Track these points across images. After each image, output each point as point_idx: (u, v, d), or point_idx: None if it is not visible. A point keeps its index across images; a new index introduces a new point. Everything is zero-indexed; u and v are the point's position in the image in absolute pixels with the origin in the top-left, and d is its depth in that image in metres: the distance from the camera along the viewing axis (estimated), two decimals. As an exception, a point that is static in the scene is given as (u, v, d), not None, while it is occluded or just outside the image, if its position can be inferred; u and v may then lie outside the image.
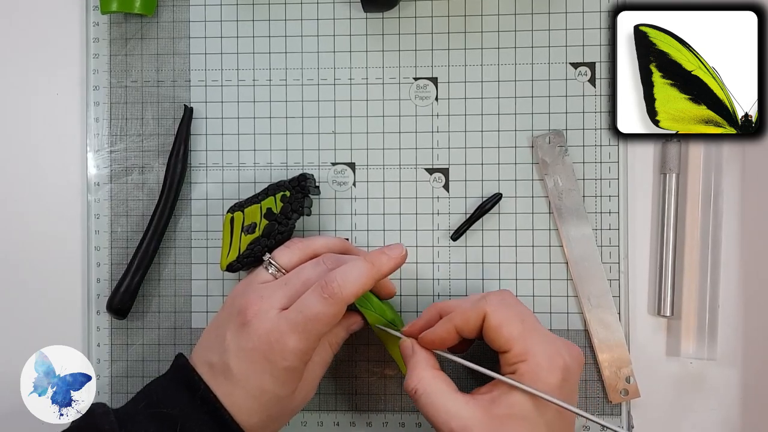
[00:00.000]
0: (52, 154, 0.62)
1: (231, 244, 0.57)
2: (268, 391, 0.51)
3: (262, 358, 0.50)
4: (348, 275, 0.51)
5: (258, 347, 0.50)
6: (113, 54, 0.62)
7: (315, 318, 0.50)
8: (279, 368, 0.50)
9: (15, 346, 0.61)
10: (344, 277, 0.51)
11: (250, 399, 0.51)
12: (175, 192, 0.60)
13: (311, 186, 0.58)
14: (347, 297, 0.50)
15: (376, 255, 0.52)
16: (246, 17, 0.61)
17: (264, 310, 0.51)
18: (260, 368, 0.50)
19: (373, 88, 0.61)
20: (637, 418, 0.59)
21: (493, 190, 0.60)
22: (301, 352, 0.50)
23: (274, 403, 0.51)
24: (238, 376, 0.51)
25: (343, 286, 0.50)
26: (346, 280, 0.50)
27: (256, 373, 0.50)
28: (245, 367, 0.51)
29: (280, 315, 0.51)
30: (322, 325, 0.50)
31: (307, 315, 0.50)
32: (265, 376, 0.50)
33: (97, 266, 0.61)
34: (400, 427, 0.60)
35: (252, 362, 0.50)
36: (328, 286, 0.50)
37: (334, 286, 0.50)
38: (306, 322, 0.50)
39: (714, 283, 0.58)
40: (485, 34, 0.60)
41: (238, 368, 0.51)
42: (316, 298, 0.50)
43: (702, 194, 0.58)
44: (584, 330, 0.59)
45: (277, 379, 0.51)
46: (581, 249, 0.59)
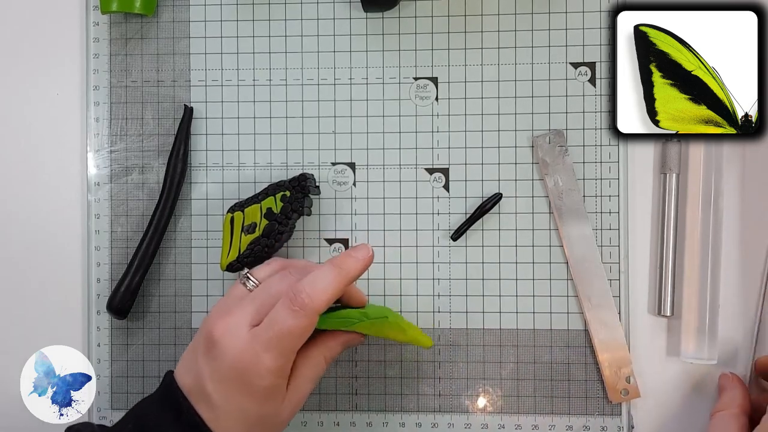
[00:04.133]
0: (52, 154, 0.62)
1: (231, 244, 0.57)
2: (250, 411, 0.49)
3: (237, 380, 0.48)
4: (316, 284, 0.49)
5: (232, 368, 0.48)
6: (113, 54, 0.62)
7: (288, 333, 0.48)
8: (257, 388, 0.49)
9: (15, 346, 0.61)
10: (312, 287, 0.48)
11: (232, 421, 0.49)
12: (175, 192, 0.60)
13: (311, 186, 0.58)
14: (318, 306, 0.48)
15: (342, 259, 0.50)
16: (246, 17, 0.61)
17: (232, 328, 0.49)
18: (237, 390, 0.49)
19: (373, 87, 0.61)
20: (637, 418, 0.59)
21: (493, 189, 0.60)
22: (278, 370, 0.49)
23: (259, 422, 0.50)
24: (218, 401, 0.49)
25: (312, 295, 0.48)
26: (315, 289, 0.48)
27: (234, 396, 0.49)
28: (222, 390, 0.49)
29: (252, 333, 0.49)
30: (295, 339, 0.49)
31: (278, 331, 0.48)
32: (245, 397, 0.49)
33: (97, 266, 0.61)
34: (400, 427, 0.60)
35: (228, 385, 0.49)
36: (297, 298, 0.48)
37: (303, 297, 0.48)
38: (279, 339, 0.48)
39: (714, 284, 0.58)
40: (485, 34, 0.60)
41: (216, 392, 0.49)
42: (286, 312, 0.48)
43: (702, 194, 0.58)
44: (584, 330, 0.59)
45: (257, 399, 0.49)
46: (581, 249, 0.59)
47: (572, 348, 0.59)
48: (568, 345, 0.59)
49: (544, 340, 0.59)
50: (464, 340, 0.60)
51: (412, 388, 0.60)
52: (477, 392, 0.60)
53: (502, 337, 0.60)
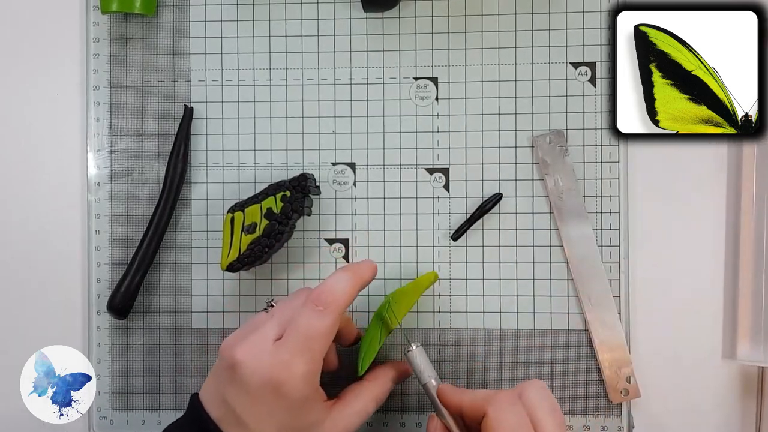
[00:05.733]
0: (52, 154, 0.62)
1: (231, 244, 0.57)
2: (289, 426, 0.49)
3: (270, 397, 0.48)
4: (335, 285, 0.50)
5: (262, 386, 0.48)
6: (113, 54, 0.62)
7: (315, 333, 0.48)
8: (292, 401, 0.48)
9: (15, 346, 0.61)
10: (332, 287, 0.50)
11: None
12: (175, 192, 0.60)
13: (311, 186, 0.58)
14: (340, 304, 0.49)
15: (352, 264, 0.53)
16: (246, 17, 0.61)
17: (255, 347, 0.49)
18: (272, 408, 0.48)
19: (374, 88, 0.61)
20: (637, 418, 0.59)
21: (493, 189, 0.60)
22: (310, 374, 0.49)
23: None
24: (253, 425, 0.48)
25: (334, 293, 0.49)
26: (335, 289, 0.50)
27: (270, 416, 0.48)
28: (256, 414, 0.48)
29: (276, 345, 0.49)
30: (322, 339, 0.49)
31: (305, 333, 0.48)
32: (281, 414, 0.48)
33: (97, 266, 0.61)
34: (400, 427, 0.60)
35: (261, 406, 0.48)
36: (320, 298, 0.49)
37: (326, 296, 0.49)
38: (307, 341, 0.48)
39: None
40: (485, 34, 0.60)
41: (250, 417, 0.48)
42: (310, 313, 0.49)
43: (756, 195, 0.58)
44: (585, 330, 0.59)
45: (294, 414, 0.49)
46: (581, 249, 0.59)
47: (572, 348, 0.59)
48: (568, 345, 0.59)
49: (545, 340, 0.59)
50: (464, 340, 0.60)
51: (412, 388, 0.60)
52: (477, 392, 0.60)
53: (502, 337, 0.60)
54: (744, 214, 0.58)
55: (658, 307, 0.59)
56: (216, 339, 0.61)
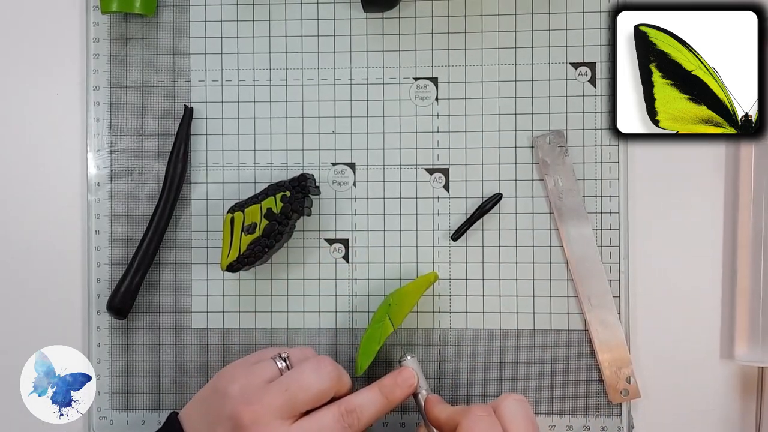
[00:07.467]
0: (52, 154, 0.62)
1: (231, 244, 0.57)
2: None
3: None
4: (366, 409, 0.51)
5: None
6: (113, 54, 0.62)
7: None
8: None
9: (15, 346, 0.61)
10: (362, 411, 0.51)
11: None
12: (175, 192, 0.60)
13: (311, 186, 0.58)
14: (363, 428, 0.51)
15: (389, 387, 0.52)
16: (246, 17, 0.61)
17: (263, 419, 0.49)
18: None
19: (373, 88, 0.61)
20: (637, 418, 0.59)
21: (493, 190, 0.60)
22: None
23: None
24: None
25: (362, 417, 0.50)
26: (364, 414, 0.51)
27: None
28: None
29: (289, 430, 0.49)
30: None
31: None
32: None
33: (97, 266, 0.61)
34: (400, 427, 0.60)
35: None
36: (350, 416, 0.50)
37: (354, 417, 0.50)
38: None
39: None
40: (485, 34, 0.60)
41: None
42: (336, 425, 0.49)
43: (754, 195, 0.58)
44: (584, 330, 0.59)
45: None
46: (581, 249, 0.59)
47: (572, 348, 0.59)
48: (568, 345, 0.59)
49: (544, 340, 0.59)
50: (464, 340, 0.60)
51: (412, 388, 0.60)
52: (477, 392, 0.60)
53: (502, 337, 0.60)
54: (742, 214, 0.58)
55: (657, 308, 0.59)
56: (216, 339, 0.61)
